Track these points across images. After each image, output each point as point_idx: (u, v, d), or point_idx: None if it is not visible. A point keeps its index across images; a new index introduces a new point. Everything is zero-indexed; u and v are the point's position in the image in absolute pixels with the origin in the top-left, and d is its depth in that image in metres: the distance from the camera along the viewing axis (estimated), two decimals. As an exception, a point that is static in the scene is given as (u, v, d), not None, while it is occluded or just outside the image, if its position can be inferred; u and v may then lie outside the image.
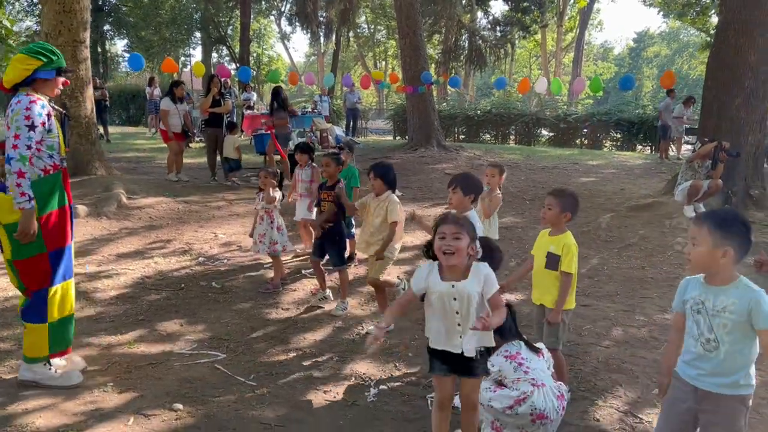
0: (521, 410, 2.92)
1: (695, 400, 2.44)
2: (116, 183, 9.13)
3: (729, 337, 2.36)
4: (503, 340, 3.06)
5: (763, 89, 8.96)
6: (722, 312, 2.37)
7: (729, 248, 2.31)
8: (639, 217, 8.54)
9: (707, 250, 2.34)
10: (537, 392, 2.93)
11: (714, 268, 2.37)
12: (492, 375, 2.98)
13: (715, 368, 2.39)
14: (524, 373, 2.98)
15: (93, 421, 3.25)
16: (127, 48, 41.87)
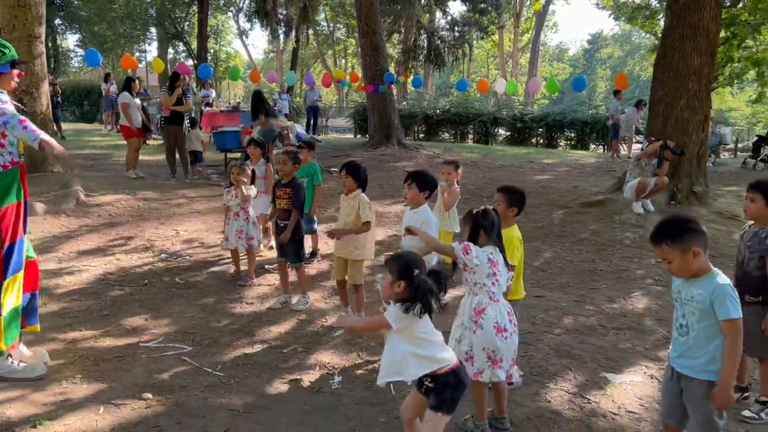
0: (484, 323, 3.15)
1: (674, 380, 2.69)
2: (74, 180, 9.03)
3: (698, 324, 2.57)
4: (489, 240, 3.24)
5: (706, 91, 9.44)
6: (691, 301, 2.58)
7: (695, 248, 2.51)
8: (590, 213, 8.90)
9: (680, 261, 2.55)
10: (492, 305, 3.21)
11: (693, 270, 2.56)
12: (468, 262, 3.17)
13: (685, 351, 2.63)
14: (491, 283, 3.22)
15: (63, 411, 3.32)
16: (79, 43, 40.90)
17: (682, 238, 2.53)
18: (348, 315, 4.91)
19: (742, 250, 3.59)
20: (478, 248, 3.19)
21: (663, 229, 2.60)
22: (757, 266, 3.46)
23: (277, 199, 5.43)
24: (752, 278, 3.49)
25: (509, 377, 3.29)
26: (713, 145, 15.83)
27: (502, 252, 3.34)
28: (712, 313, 2.51)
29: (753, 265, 3.49)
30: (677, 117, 9.26)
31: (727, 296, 2.48)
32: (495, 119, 22.73)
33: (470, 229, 3.27)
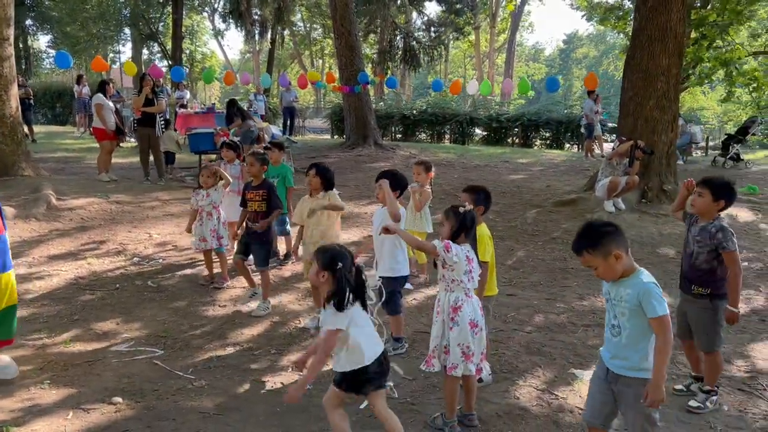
0: (460, 320, 3.22)
1: (610, 380, 2.69)
2: (44, 184, 8.91)
3: (629, 323, 2.60)
4: (466, 239, 3.34)
5: (674, 91, 9.63)
6: (620, 301, 2.62)
7: (616, 251, 2.55)
8: (562, 212, 9.02)
9: (604, 266, 2.59)
10: (467, 302, 3.28)
11: (617, 273, 2.60)
12: (448, 260, 3.23)
13: (618, 351, 2.65)
14: (467, 280, 3.30)
15: (31, 417, 3.30)
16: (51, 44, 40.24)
17: (601, 243, 2.56)
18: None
19: (690, 244, 3.70)
20: (457, 246, 3.28)
21: (582, 237, 2.64)
22: (706, 260, 3.58)
23: (249, 201, 5.43)
24: (701, 271, 3.62)
25: (479, 370, 3.35)
26: (684, 143, 16.11)
27: (475, 250, 3.42)
28: (641, 312, 2.55)
29: (702, 259, 3.61)
30: (647, 117, 9.42)
31: (652, 294, 2.51)
32: (471, 119, 22.86)
33: (454, 228, 3.33)
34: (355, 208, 9.54)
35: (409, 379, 4.02)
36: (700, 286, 3.63)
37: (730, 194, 3.57)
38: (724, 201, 3.55)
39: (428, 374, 3.97)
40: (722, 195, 3.54)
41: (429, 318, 5.02)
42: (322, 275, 2.85)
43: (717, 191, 3.54)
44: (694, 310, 3.70)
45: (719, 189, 3.54)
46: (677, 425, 3.51)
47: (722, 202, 3.55)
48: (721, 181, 3.59)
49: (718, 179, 3.60)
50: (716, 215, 3.59)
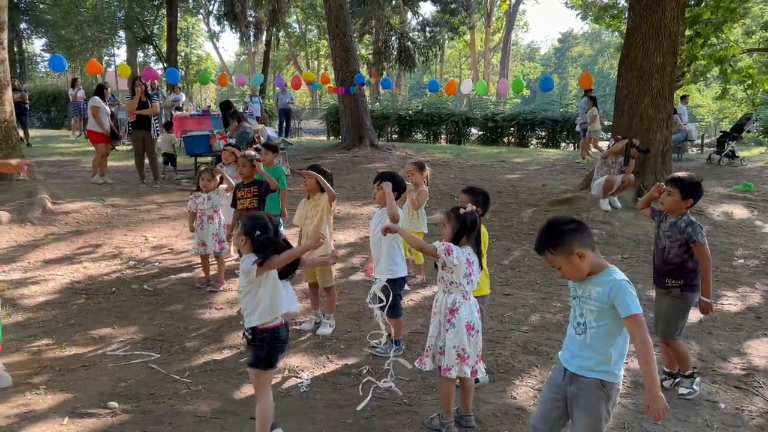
0: (457, 323, 3.23)
1: (564, 381, 2.57)
2: (40, 188, 8.90)
3: (596, 322, 2.47)
4: (468, 241, 3.33)
5: (669, 89, 9.64)
6: (588, 299, 2.49)
7: (579, 250, 2.43)
8: (559, 211, 9.01)
9: (567, 265, 2.46)
10: (465, 304, 3.29)
11: (585, 271, 2.47)
12: (449, 262, 3.23)
13: (580, 350, 2.52)
14: (467, 283, 3.31)
15: (27, 423, 3.28)
16: (45, 47, 40.13)
17: (562, 242, 2.44)
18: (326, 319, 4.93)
19: (661, 239, 3.81)
20: (458, 249, 3.26)
21: (542, 236, 2.52)
22: (677, 254, 3.72)
23: (240, 200, 5.47)
24: (673, 264, 3.76)
25: (474, 372, 3.35)
26: (679, 141, 16.14)
27: (479, 252, 3.42)
28: (610, 312, 2.43)
29: (674, 253, 3.74)
30: (642, 115, 9.44)
31: (625, 292, 2.39)
32: (467, 119, 22.87)
33: (456, 230, 3.31)
34: (351, 209, 9.54)
35: (406, 380, 4.01)
36: (673, 279, 3.77)
37: (698, 192, 3.71)
38: (692, 199, 3.69)
39: (425, 375, 3.98)
40: (691, 193, 3.68)
41: (425, 318, 5.03)
42: (242, 239, 3.05)
43: (686, 190, 3.67)
44: (666, 300, 3.82)
45: (688, 187, 3.68)
46: (674, 423, 3.51)
47: (690, 200, 3.69)
48: (689, 180, 3.70)
49: (687, 178, 3.71)
50: (684, 211, 3.72)
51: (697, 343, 4.73)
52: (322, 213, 4.79)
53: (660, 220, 3.85)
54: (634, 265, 6.80)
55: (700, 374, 3.95)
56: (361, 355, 4.44)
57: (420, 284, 6.11)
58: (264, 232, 3.02)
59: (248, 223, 3.08)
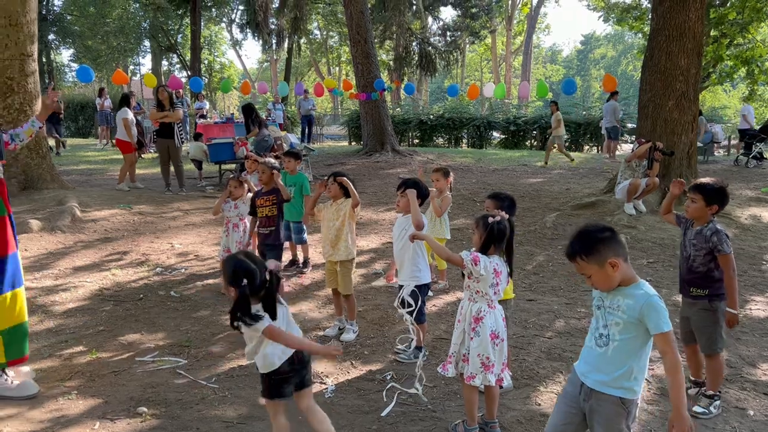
0: (481, 331, 3.23)
1: (582, 396, 2.51)
2: (69, 196, 9.09)
3: (620, 335, 2.41)
4: (497, 250, 3.31)
5: (694, 91, 9.53)
6: (616, 311, 2.42)
7: (612, 259, 2.36)
8: (582, 215, 8.96)
9: (599, 274, 2.40)
10: (490, 313, 3.28)
11: (616, 281, 2.41)
12: (475, 272, 3.23)
13: (600, 364, 2.45)
14: (493, 293, 3.29)
15: (59, 428, 3.36)
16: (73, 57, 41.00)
17: (596, 250, 2.38)
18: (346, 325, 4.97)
19: (687, 247, 3.74)
20: (486, 259, 3.24)
21: (575, 242, 2.46)
22: (702, 262, 3.64)
23: (259, 207, 5.54)
24: (698, 273, 3.67)
25: (500, 380, 3.34)
26: (705, 142, 15.92)
27: (510, 259, 3.41)
28: (636, 326, 2.37)
29: (699, 261, 3.66)
30: (666, 118, 9.35)
31: (656, 309, 2.33)
32: (489, 123, 22.83)
33: (483, 238, 3.29)
34: (373, 214, 9.58)
35: (430, 386, 4.03)
36: (698, 288, 3.69)
37: (722, 198, 3.62)
38: (717, 205, 3.61)
39: (449, 381, 3.99)
40: (715, 199, 3.60)
41: (448, 324, 5.05)
42: (230, 291, 2.72)
43: (709, 196, 3.60)
44: (695, 312, 3.74)
45: (711, 193, 3.59)
46: (702, 430, 3.47)
47: (715, 206, 3.61)
48: (712, 185, 3.62)
49: (710, 184, 3.64)
50: (710, 218, 3.65)
51: (726, 349, 4.66)
52: (344, 218, 4.83)
53: (686, 228, 3.78)
54: (659, 269, 6.73)
55: (722, 398, 3.78)
56: (385, 361, 4.46)
57: (443, 290, 6.11)
58: (251, 280, 2.68)
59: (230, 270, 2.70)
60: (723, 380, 3.85)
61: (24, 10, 8.97)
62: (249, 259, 2.76)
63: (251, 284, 2.68)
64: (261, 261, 2.83)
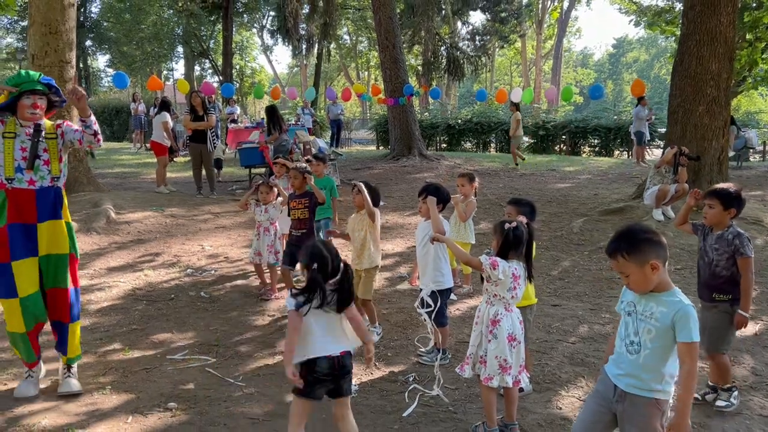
0: (499, 333, 3.30)
1: (615, 398, 2.53)
2: (104, 199, 9.37)
3: (652, 343, 2.44)
4: (516, 254, 3.36)
5: (725, 97, 9.40)
6: (649, 318, 2.45)
7: (654, 260, 2.38)
8: (610, 221, 8.91)
9: (638, 275, 2.42)
10: (507, 316, 3.35)
11: (653, 284, 2.43)
12: (493, 276, 3.29)
13: (633, 370, 2.47)
14: (510, 297, 3.35)
15: (94, 420, 3.52)
16: (109, 63, 42.04)
17: (639, 249, 2.40)
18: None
19: (708, 252, 3.76)
20: (504, 263, 3.31)
21: (619, 240, 2.47)
22: (725, 266, 3.67)
23: (292, 210, 5.66)
24: (721, 278, 3.70)
25: (517, 382, 3.39)
26: (738, 148, 15.65)
27: (529, 263, 3.46)
28: (668, 333, 2.39)
29: (722, 266, 3.69)
30: (696, 123, 9.25)
31: (691, 318, 2.36)
32: (517, 128, 22.73)
33: (500, 245, 3.37)
34: (399, 219, 9.66)
35: (451, 389, 4.09)
36: (721, 293, 3.71)
37: (739, 202, 3.66)
38: (734, 209, 3.65)
39: (471, 383, 4.04)
40: (731, 203, 3.65)
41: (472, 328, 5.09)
42: (303, 270, 3.00)
43: (725, 200, 3.65)
44: (713, 314, 3.76)
45: (727, 198, 3.65)
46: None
47: (733, 210, 3.65)
48: (728, 190, 3.68)
49: (726, 189, 3.69)
50: (730, 223, 3.69)
51: (751, 356, 4.63)
52: (366, 228, 4.93)
53: (705, 234, 3.81)
54: (687, 276, 6.67)
55: (738, 388, 3.87)
56: (407, 363, 4.53)
57: (467, 294, 6.16)
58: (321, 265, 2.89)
59: (307, 252, 2.95)
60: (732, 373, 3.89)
61: (63, 19, 9.29)
62: (325, 247, 2.96)
63: (322, 269, 2.88)
64: (336, 251, 3.00)
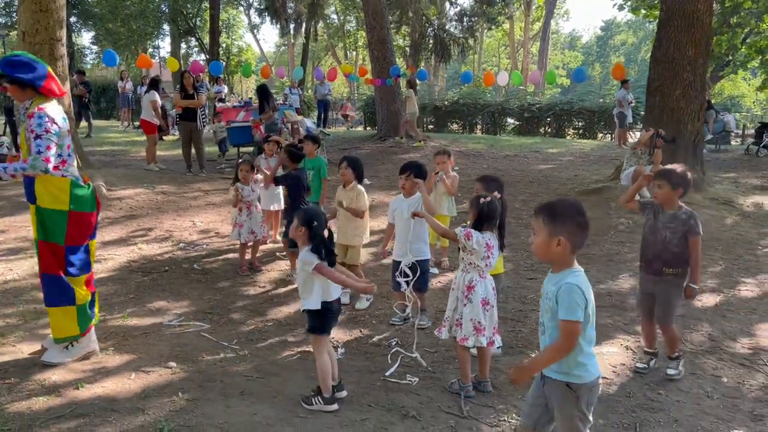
0: (473, 298, 3.60)
1: (543, 381, 2.58)
2: (96, 175, 9.53)
3: (550, 322, 2.46)
4: (490, 225, 3.68)
5: (701, 81, 9.73)
6: (545, 298, 2.49)
7: (562, 237, 2.39)
8: (587, 201, 9.21)
9: (543, 241, 2.44)
10: (481, 282, 3.65)
11: (550, 257, 2.45)
12: (468, 246, 3.60)
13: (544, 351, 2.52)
14: (485, 265, 3.66)
15: (100, 377, 3.79)
16: (93, 40, 41.57)
17: (558, 222, 2.41)
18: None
19: (662, 230, 4.00)
20: (478, 234, 3.62)
21: (551, 206, 2.47)
22: (677, 244, 3.93)
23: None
24: (672, 253, 3.97)
25: (491, 343, 3.72)
26: (717, 131, 16.05)
27: (502, 235, 3.80)
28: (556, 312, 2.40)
29: (675, 243, 3.94)
30: (672, 107, 9.57)
31: (570, 295, 2.34)
32: (503, 110, 23.02)
33: (475, 217, 3.69)
34: (385, 197, 9.93)
35: (431, 351, 4.41)
36: (671, 268, 3.97)
37: (686, 182, 3.93)
38: (682, 189, 3.92)
39: (448, 347, 4.36)
40: (679, 184, 3.91)
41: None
42: (299, 230, 3.42)
43: (673, 181, 3.91)
44: (664, 288, 4.01)
45: (675, 178, 3.91)
46: (676, 393, 3.82)
47: (680, 189, 3.92)
48: (676, 171, 3.94)
49: (673, 170, 3.96)
50: (678, 203, 3.96)
51: (710, 324, 4.99)
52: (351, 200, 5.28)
53: (656, 213, 4.06)
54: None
55: (684, 357, 4.18)
56: (390, 330, 4.84)
57: (447, 268, 6.48)
58: (319, 224, 3.41)
59: (304, 215, 3.45)
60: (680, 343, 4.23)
61: (54, -4, 9.37)
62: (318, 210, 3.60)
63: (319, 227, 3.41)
64: (324, 214, 3.61)
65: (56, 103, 3.92)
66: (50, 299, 3.89)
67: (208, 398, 3.59)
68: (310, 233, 3.41)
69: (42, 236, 3.85)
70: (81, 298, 3.95)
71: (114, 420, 3.30)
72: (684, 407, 3.67)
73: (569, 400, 2.47)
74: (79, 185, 3.95)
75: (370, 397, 3.72)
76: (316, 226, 3.41)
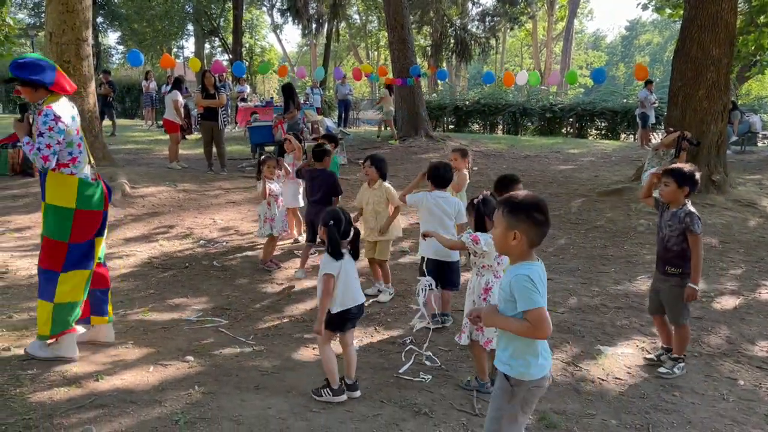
0: (491, 300, 3.61)
1: None
2: (119, 173, 9.72)
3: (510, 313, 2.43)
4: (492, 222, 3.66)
5: (725, 81, 9.59)
6: (501, 289, 2.49)
7: (518, 231, 2.37)
8: (608, 202, 9.19)
9: (500, 233, 2.44)
10: (497, 283, 3.64)
11: (507, 249, 2.45)
12: (479, 250, 3.62)
13: (499, 342, 2.56)
14: (497, 264, 3.67)
15: (119, 369, 3.88)
16: (119, 40, 42.25)
17: (517, 216, 2.39)
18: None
19: (663, 228, 4.06)
20: (485, 235, 3.62)
21: (511, 198, 2.46)
22: (676, 242, 3.96)
23: None
24: (673, 252, 4.01)
25: None
26: (742, 132, 15.80)
27: None
28: (510, 304, 2.39)
29: (673, 241, 3.98)
30: (696, 107, 9.45)
31: (519, 285, 2.33)
32: (524, 110, 22.88)
33: (475, 218, 3.71)
34: (405, 197, 9.95)
35: (445, 350, 4.43)
36: (672, 266, 4.02)
37: (692, 181, 3.94)
38: (687, 188, 3.94)
39: (462, 346, 4.37)
40: (685, 183, 3.93)
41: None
42: (322, 230, 3.55)
43: (680, 179, 3.93)
44: (667, 287, 4.06)
45: (681, 177, 3.94)
46: (691, 395, 3.80)
47: (686, 188, 3.94)
48: (682, 170, 3.96)
49: (680, 169, 3.97)
50: (684, 201, 3.97)
51: (728, 327, 4.94)
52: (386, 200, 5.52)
53: (662, 211, 4.11)
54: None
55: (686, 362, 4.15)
56: (406, 329, 4.87)
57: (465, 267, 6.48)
58: (337, 223, 3.49)
59: (325, 216, 3.55)
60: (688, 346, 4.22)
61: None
62: (341, 211, 3.61)
63: (337, 227, 3.49)
64: (349, 216, 3.63)
65: (66, 101, 3.93)
66: (39, 291, 3.92)
67: (223, 392, 3.65)
68: (330, 234, 3.48)
69: (48, 233, 3.89)
70: (61, 297, 3.87)
71: (132, 411, 3.38)
72: (698, 409, 3.64)
73: (504, 391, 2.48)
74: (88, 183, 3.95)
75: (382, 393, 3.75)
76: (332, 226, 3.48)
